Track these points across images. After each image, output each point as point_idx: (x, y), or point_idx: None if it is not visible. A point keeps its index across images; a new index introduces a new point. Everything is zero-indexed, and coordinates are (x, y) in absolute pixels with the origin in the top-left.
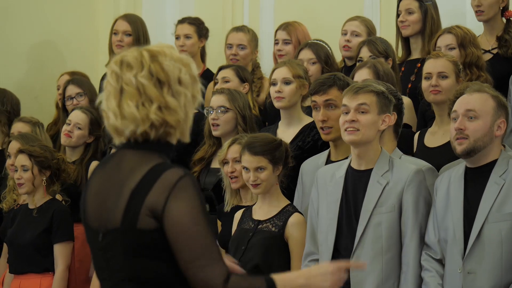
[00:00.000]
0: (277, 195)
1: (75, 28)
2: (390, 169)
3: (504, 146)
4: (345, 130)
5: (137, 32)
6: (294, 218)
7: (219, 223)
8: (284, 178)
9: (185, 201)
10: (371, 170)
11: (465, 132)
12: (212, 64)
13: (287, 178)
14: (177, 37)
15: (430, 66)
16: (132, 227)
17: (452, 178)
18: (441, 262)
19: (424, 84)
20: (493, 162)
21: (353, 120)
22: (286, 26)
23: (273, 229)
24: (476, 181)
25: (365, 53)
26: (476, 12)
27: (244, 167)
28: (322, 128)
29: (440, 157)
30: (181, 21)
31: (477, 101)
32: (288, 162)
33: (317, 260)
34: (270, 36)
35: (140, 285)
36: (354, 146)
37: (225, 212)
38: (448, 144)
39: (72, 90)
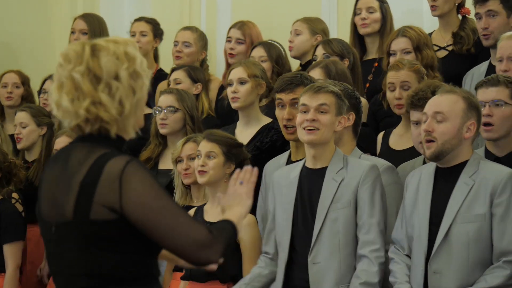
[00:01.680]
0: None
1: (30, 28)
2: (344, 166)
3: None
4: (304, 129)
5: (93, 31)
6: (246, 220)
7: None
8: None
9: (139, 184)
10: (325, 168)
11: (433, 135)
12: (169, 65)
13: None
14: (133, 34)
15: (393, 76)
16: (85, 219)
17: (422, 175)
18: (409, 257)
19: (389, 95)
20: (464, 163)
21: (314, 120)
22: (241, 26)
23: None
24: (445, 181)
25: (319, 51)
26: (431, 7)
27: (197, 155)
28: (286, 126)
29: (406, 160)
30: (138, 20)
31: (446, 102)
32: (242, 166)
33: (270, 258)
34: None
35: (94, 278)
36: (311, 146)
37: None
38: (414, 147)
39: (49, 85)
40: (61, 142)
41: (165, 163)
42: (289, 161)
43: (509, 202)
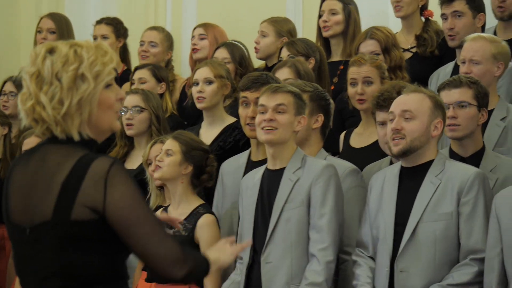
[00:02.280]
0: (187, 196)
1: None
2: (302, 166)
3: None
4: (262, 129)
5: (61, 30)
6: (203, 219)
7: None
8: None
9: (123, 186)
10: (284, 168)
11: (402, 132)
12: (133, 64)
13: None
14: (95, 38)
15: (355, 72)
16: (65, 219)
17: (387, 176)
18: (373, 259)
19: (350, 90)
20: (430, 162)
21: (271, 119)
22: (204, 24)
23: (184, 233)
24: (411, 180)
25: (284, 53)
26: (395, 7)
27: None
28: (248, 124)
29: (365, 158)
30: (99, 22)
31: (414, 101)
32: (203, 171)
33: (241, 262)
34: None
35: (70, 279)
36: (270, 146)
37: None
38: (373, 145)
39: (8, 87)
40: (29, 142)
41: (131, 164)
42: (249, 161)
43: (476, 200)
